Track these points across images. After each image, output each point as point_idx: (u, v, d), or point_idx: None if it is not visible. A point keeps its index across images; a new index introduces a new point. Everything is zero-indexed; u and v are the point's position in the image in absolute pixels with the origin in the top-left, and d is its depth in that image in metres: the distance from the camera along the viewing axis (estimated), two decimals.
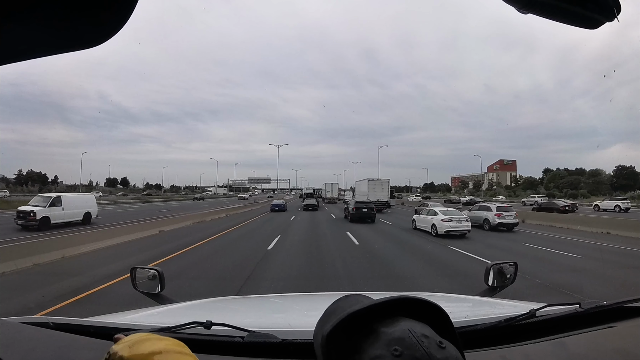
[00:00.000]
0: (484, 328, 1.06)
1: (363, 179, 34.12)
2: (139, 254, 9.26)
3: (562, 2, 0.45)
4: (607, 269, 7.59)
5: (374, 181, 31.39)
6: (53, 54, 0.42)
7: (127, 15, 0.38)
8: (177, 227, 15.62)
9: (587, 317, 1.13)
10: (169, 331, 0.98)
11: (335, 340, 0.48)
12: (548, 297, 5.25)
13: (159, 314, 1.50)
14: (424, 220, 14.58)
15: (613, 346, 1.01)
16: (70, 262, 8.08)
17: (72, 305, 4.90)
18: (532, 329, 1.09)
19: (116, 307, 3.89)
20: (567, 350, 0.99)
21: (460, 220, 13.18)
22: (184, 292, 4.86)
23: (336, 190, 53.09)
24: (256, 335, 0.97)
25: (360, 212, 18.78)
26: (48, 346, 0.94)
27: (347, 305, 0.53)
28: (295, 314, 1.66)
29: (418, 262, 8.61)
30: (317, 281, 6.51)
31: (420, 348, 0.42)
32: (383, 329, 0.46)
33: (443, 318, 0.52)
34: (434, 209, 14.60)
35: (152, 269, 1.70)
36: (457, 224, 13.00)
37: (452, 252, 9.85)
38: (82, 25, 0.38)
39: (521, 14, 0.46)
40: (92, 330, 1.07)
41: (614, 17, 0.47)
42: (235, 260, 8.47)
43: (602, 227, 14.56)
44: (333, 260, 8.41)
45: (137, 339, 0.54)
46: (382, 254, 9.54)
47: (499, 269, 1.74)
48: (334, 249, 10.34)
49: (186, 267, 7.58)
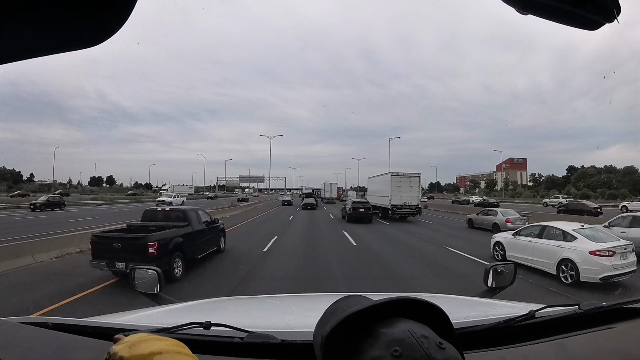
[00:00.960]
0: (483, 329, 1.06)
1: (381, 173, 23.79)
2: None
3: (562, 4, 0.45)
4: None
5: (398, 176, 20.71)
6: (52, 53, 0.42)
7: (127, 15, 0.38)
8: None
9: (586, 318, 1.13)
10: (169, 331, 0.98)
11: (335, 341, 0.48)
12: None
13: (158, 315, 1.49)
14: (534, 249, 7.49)
15: (612, 347, 1.01)
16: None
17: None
18: (531, 330, 1.09)
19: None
20: (566, 351, 0.99)
21: (625, 251, 6.45)
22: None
23: (335, 190, 52.73)
24: (255, 335, 0.97)
25: (357, 213, 19.14)
26: (47, 346, 0.94)
27: (346, 306, 0.53)
28: (294, 314, 1.66)
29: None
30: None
31: (419, 349, 0.42)
32: (383, 329, 0.46)
33: (442, 319, 0.52)
34: (559, 227, 7.31)
35: (151, 269, 1.69)
36: (621, 261, 6.31)
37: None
38: (81, 25, 0.38)
39: (521, 14, 0.46)
40: (91, 331, 1.06)
41: (614, 19, 0.47)
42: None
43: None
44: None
45: (137, 339, 0.54)
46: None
47: (498, 270, 1.74)
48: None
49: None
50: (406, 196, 20.34)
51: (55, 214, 24.50)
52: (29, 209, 27.35)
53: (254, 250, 9.94)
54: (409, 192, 20.62)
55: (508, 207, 22.65)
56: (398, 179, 20.79)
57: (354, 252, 9.94)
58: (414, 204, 20.38)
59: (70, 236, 9.62)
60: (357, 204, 19.85)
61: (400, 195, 20.26)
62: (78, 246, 8.83)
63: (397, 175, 20.96)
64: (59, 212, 27.06)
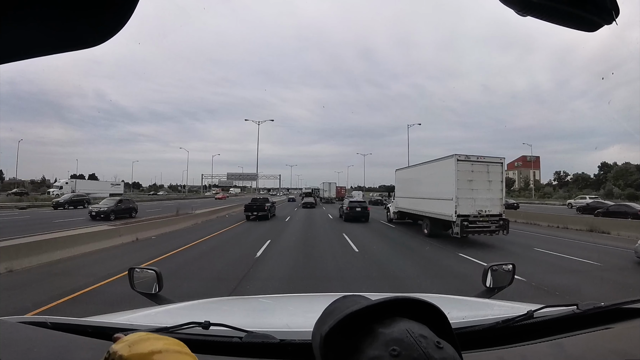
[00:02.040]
0: (481, 329, 1.06)
1: (433, 159, 13.66)
2: None
3: (561, 5, 0.45)
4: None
5: (469, 162, 11.68)
6: (52, 53, 0.42)
7: (128, 16, 0.38)
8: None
9: (585, 319, 1.13)
10: (167, 331, 0.98)
11: (334, 340, 0.48)
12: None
13: (157, 314, 1.49)
14: None
15: (610, 347, 1.01)
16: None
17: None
18: (529, 330, 1.09)
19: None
20: (564, 351, 0.99)
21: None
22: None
23: (334, 190, 52.32)
24: (254, 335, 0.97)
25: (354, 212, 19.63)
26: (46, 346, 0.94)
27: (345, 305, 0.53)
28: (293, 314, 1.66)
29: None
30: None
31: (418, 348, 0.42)
32: (381, 329, 0.47)
33: (441, 319, 0.52)
34: None
35: (150, 269, 1.69)
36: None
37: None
38: (81, 25, 0.38)
39: (520, 16, 0.46)
40: (90, 330, 1.06)
41: (613, 20, 0.47)
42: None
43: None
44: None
45: (137, 338, 0.54)
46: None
47: (497, 271, 1.74)
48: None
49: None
50: (483, 198, 11.42)
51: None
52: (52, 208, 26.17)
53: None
54: (486, 191, 11.54)
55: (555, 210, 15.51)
56: (469, 167, 11.42)
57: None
58: (495, 213, 11.44)
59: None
60: (354, 204, 20.35)
61: (472, 198, 11.31)
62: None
63: (466, 161, 11.43)
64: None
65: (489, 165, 11.75)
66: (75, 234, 9.84)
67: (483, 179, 11.59)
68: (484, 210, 11.36)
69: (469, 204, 11.29)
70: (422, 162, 14.71)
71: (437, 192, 12.48)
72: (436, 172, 12.91)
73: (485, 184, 11.61)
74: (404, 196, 16.63)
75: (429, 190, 13.29)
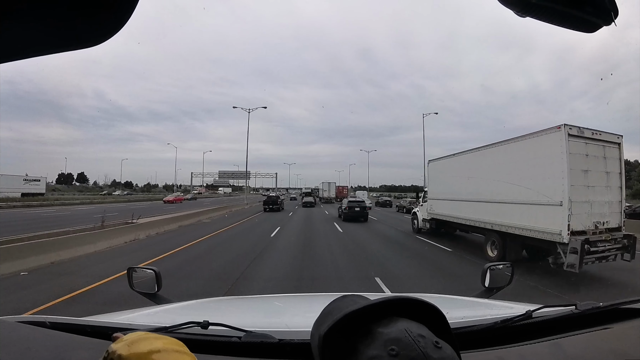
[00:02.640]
0: (480, 329, 1.06)
1: (527, 133, 7.50)
2: None
3: (560, 6, 0.45)
4: None
5: (583, 141, 6.52)
6: (52, 52, 0.42)
7: (127, 16, 0.38)
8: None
9: (583, 319, 1.13)
10: (166, 331, 0.98)
11: (332, 340, 0.48)
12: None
13: (156, 314, 1.49)
14: None
15: (609, 347, 1.01)
16: None
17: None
18: (528, 330, 1.09)
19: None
20: (563, 352, 1.00)
21: None
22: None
23: (334, 190, 52.26)
24: (253, 335, 0.97)
25: (352, 211, 19.79)
26: (45, 345, 0.94)
27: (344, 305, 0.54)
28: (292, 314, 1.66)
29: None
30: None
31: (416, 348, 0.43)
32: (380, 329, 0.47)
33: (439, 318, 0.52)
34: None
35: (149, 268, 1.69)
36: None
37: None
38: (81, 24, 0.38)
39: (519, 17, 0.46)
40: (89, 330, 1.06)
41: (612, 21, 0.47)
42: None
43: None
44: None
45: (136, 337, 0.54)
46: None
47: (496, 271, 1.74)
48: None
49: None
50: (601, 202, 6.85)
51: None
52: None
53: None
54: (604, 189, 6.95)
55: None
56: (583, 148, 6.71)
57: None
58: (615, 226, 6.95)
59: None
60: (353, 203, 20.60)
61: (588, 201, 6.68)
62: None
63: (579, 137, 6.69)
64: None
65: (605, 147, 7.02)
66: None
67: (599, 168, 6.88)
68: (601, 222, 6.73)
69: (584, 210, 6.59)
70: (484, 145, 9.33)
71: (522, 191, 7.48)
72: (521, 157, 7.71)
73: (603, 177, 6.90)
74: (446, 198, 11.38)
75: (503, 189, 8.11)
